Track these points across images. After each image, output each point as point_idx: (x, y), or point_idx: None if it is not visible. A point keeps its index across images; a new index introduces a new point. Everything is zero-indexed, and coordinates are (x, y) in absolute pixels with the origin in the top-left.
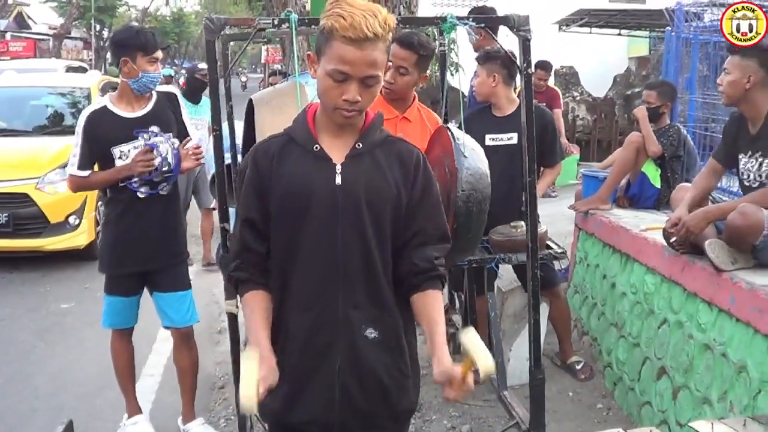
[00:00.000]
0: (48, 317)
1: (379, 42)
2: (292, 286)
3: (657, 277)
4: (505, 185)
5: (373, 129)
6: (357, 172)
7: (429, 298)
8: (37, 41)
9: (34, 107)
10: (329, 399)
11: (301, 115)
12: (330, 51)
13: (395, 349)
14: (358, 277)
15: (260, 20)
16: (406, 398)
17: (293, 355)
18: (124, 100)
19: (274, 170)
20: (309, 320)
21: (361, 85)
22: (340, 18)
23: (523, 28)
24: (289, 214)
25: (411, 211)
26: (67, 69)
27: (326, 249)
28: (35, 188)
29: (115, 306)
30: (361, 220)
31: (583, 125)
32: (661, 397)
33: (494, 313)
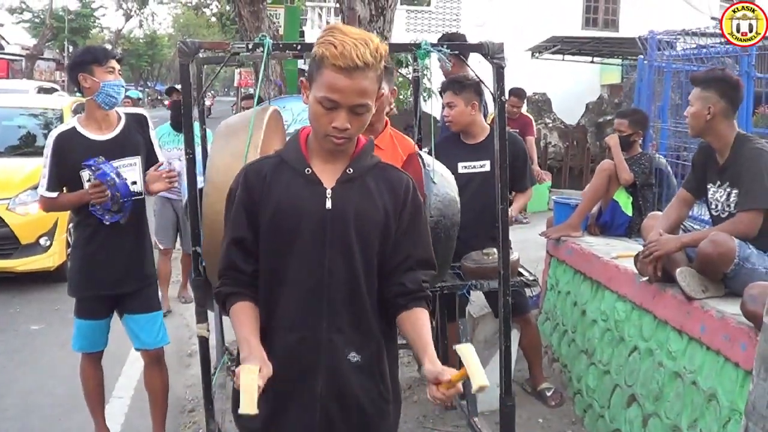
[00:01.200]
0: (17, 338)
1: (369, 71)
2: (278, 306)
3: (628, 305)
4: (477, 212)
5: (364, 155)
6: (347, 196)
7: (416, 315)
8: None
9: (6, 128)
10: (310, 421)
11: (293, 138)
12: (320, 78)
13: (377, 374)
14: (344, 301)
15: (234, 44)
16: (385, 423)
17: (277, 373)
18: (92, 122)
19: (265, 191)
20: (293, 341)
21: (350, 113)
22: (331, 46)
23: (497, 55)
24: (278, 235)
25: (400, 236)
26: (39, 90)
27: (313, 272)
28: (6, 209)
29: (84, 329)
30: (350, 245)
31: (555, 152)
32: (631, 424)
33: (465, 339)
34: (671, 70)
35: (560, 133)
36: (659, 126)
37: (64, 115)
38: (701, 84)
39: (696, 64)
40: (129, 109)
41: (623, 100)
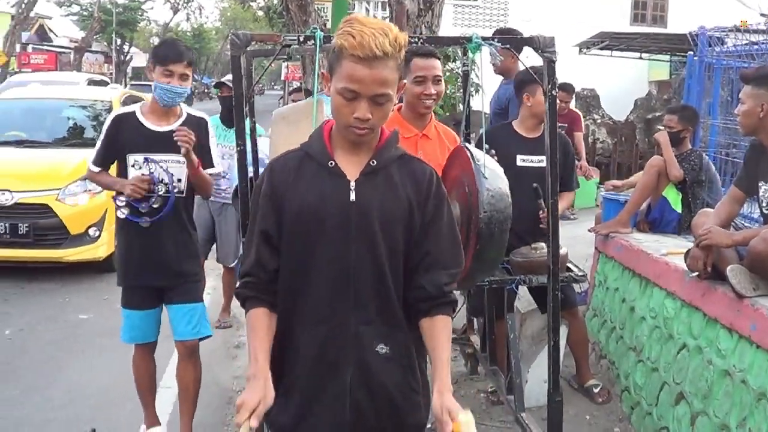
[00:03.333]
0: (66, 327)
1: (389, 60)
2: (304, 300)
3: (677, 302)
4: (531, 207)
5: (388, 146)
6: (371, 189)
7: (437, 324)
8: (58, 54)
9: (56, 119)
10: (340, 414)
11: (317, 131)
12: (340, 69)
13: (406, 366)
14: (370, 294)
15: (285, 37)
16: (416, 414)
17: (304, 368)
18: (152, 112)
19: (290, 185)
20: (320, 335)
21: (371, 103)
22: (350, 36)
23: (548, 49)
24: (303, 229)
25: (423, 230)
26: (89, 82)
27: (338, 265)
28: (56, 199)
29: (131, 319)
30: (374, 237)
31: (603, 148)
32: (679, 422)
33: (513, 334)
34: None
35: (608, 129)
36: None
37: (113, 106)
38: (752, 81)
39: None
40: (196, 111)
41: (672, 96)
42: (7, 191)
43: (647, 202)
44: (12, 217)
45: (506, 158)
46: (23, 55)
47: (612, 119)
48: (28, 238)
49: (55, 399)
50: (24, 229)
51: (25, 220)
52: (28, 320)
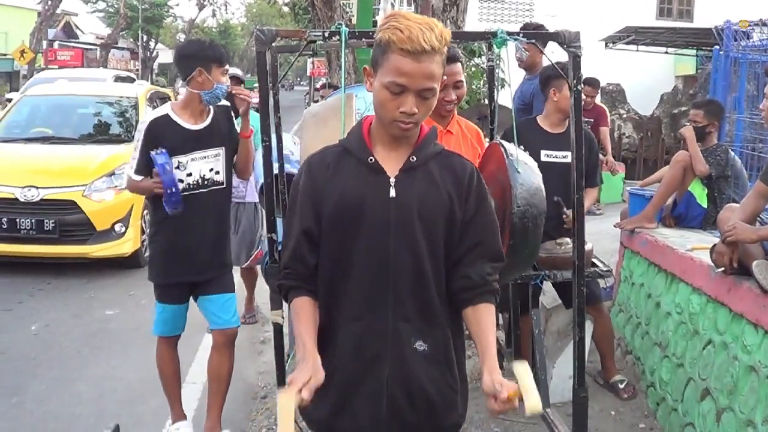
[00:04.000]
0: (92, 323)
1: (436, 55)
2: (343, 296)
3: (702, 298)
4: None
5: (427, 142)
6: (411, 185)
7: (481, 311)
8: (84, 51)
9: (82, 115)
10: (376, 410)
11: (356, 127)
12: (387, 64)
13: (443, 363)
14: (409, 290)
15: (311, 32)
16: (453, 412)
17: (342, 364)
18: (188, 111)
19: (329, 181)
20: (358, 330)
21: (417, 98)
22: (398, 31)
23: (573, 44)
24: (342, 225)
25: (465, 226)
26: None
27: (378, 261)
28: (82, 195)
29: (166, 313)
30: (414, 234)
31: (629, 143)
32: (704, 418)
33: (538, 330)
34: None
35: (634, 124)
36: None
37: (139, 103)
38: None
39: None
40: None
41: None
42: (33, 187)
43: (673, 197)
44: (38, 213)
45: (530, 154)
46: (50, 52)
47: (638, 114)
48: (54, 234)
49: (82, 394)
50: (50, 225)
51: (51, 216)
52: (54, 316)
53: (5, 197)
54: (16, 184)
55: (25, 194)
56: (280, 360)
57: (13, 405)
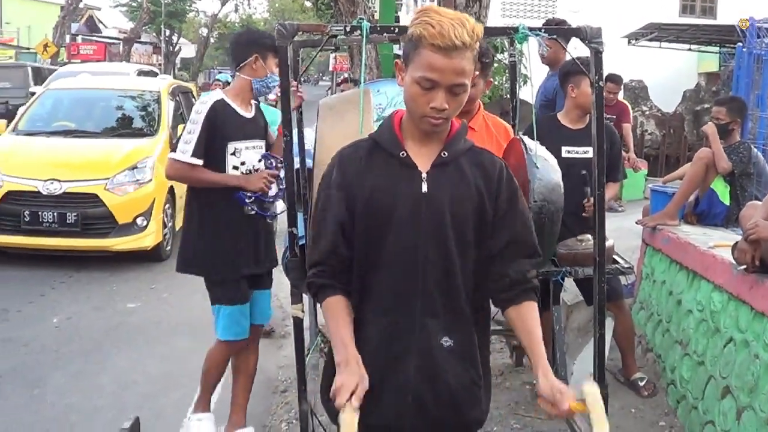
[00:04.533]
0: (114, 316)
1: (467, 51)
2: (371, 290)
3: (724, 295)
4: (579, 198)
5: (458, 138)
6: (442, 180)
7: (525, 310)
8: (107, 45)
9: (105, 109)
10: (402, 405)
11: (387, 121)
12: (418, 59)
13: (468, 359)
14: (437, 286)
15: (332, 27)
16: (477, 408)
17: (369, 357)
18: (239, 99)
19: (361, 175)
20: (386, 325)
21: (448, 93)
22: (429, 26)
23: (595, 40)
24: (374, 219)
25: (498, 222)
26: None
27: (407, 256)
28: (104, 189)
29: (235, 315)
30: (444, 229)
31: (651, 140)
32: (724, 416)
33: (558, 326)
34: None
35: (657, 120)
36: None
37: (161, 97)
38: None
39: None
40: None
41: (721, 88)
42: (56, 180)
43: (695, 194)
44: (60, 206)
45: (551, 150)
46: (72, 46)
47: (660, 111)
48: (76, 227)
49: (103, 387)
50: (72, 218)
51: (73, 210)
52: (76, 309)
53: (28, 190)
54: (38, 177)
55: (48, 187)
56: (300, 354)
57: (35, 397)
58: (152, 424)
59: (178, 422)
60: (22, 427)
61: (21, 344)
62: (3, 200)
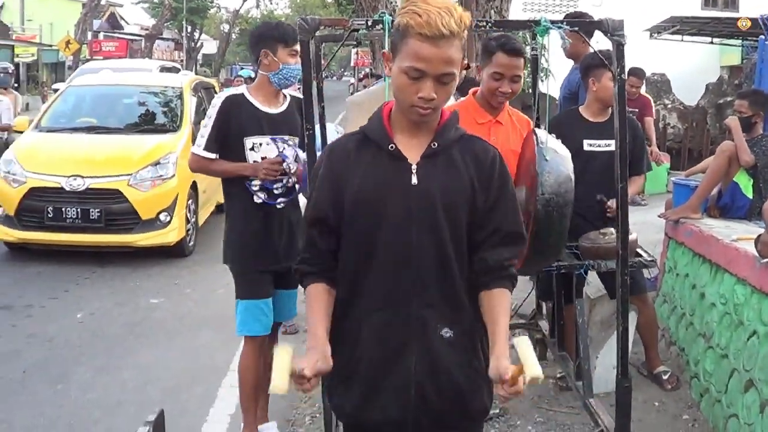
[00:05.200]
0: (137, 312)
1: (455, 39)
2: (365, 285)
3: (747, 288)
4: (603, 191)
5: (448, 127)
6: (433, 172)
7: (494, 296)
8: (129, 41)
9: (127, 105)
10: (404, 398)
11: (376, 113)
12: (405, 48)
13: (470, 349)
14: (433, 277)
15: (354, 21)
16: (480, 398)
17: (367, 354)
18: (261, 94)
19: (350, 169)
20: (383, 319)
21: (436, 83)
22: (416, 15)
23: (617, 32)
24: (364, 213)
25: (487, 210)
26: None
27: (400, 249)
28: (127, 185)
29: (252, 310)
30: (437, 220)
31: (674, 134)
32: (748, 410)
33: (582, 320)
34: None
35: (679, 114)
36: None
37: (183, 93)
38: None
39: None
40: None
41: (743, 81)
42: (79, 177)
43: (718, 187)
44: (84, 202)
45: (573, 143)
46: (95, 43)
47: (683, 104)
48: (99, 223)
49: (126, 382)
50: (95, 214)
51: (96, 206)
52: (99, 304)
53: (51, 186)
54: (61, 173)
55: (71, 183)
56: None
57: (58, 392)
58: (175, 419)
59: (201, 417)
60: (46, 421)
61: (45, 339)
62: (26, 197)
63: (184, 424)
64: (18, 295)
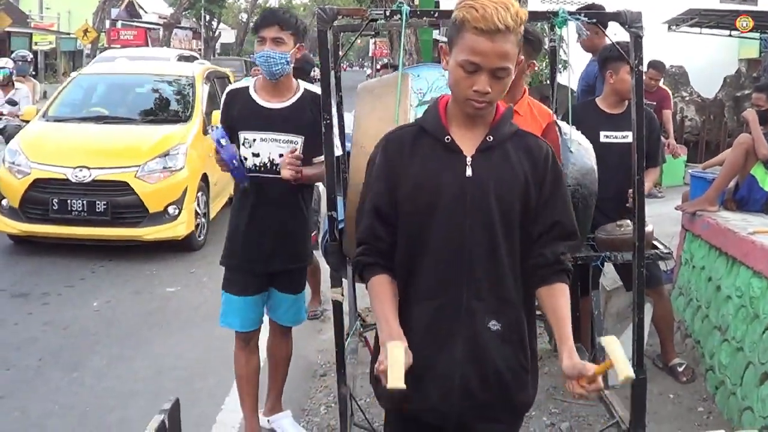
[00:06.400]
0: (153, 301)
1: (511, 34)
2: (418, 275)
3: (764, 282)
4: (618, 183)
5: (503, 122)
6: (487, 165)
7: (555, 291)
8: (147, 30)
9: (138, 95)
10: (449, 388)
11: (432, 106)
12: (461, 42)
13: (516, 343)
14: (484, 270)
15: (372, 11)
16: (524, 392)
17: (415, 342)
18: (264, 87)
19: (405, 160)
20: (433, 309)
21: (491, 77)
22: (473, 9)
23: (635, 24)
24: (419, 205)
25: (542, 206)
26: (179, 58)
27: (454, 240)
28: (135, 177)
29: (232, 304)
30: (490, 213)
31: (691, 126)
32: (763, 402)
33: (597, 311)
34: None
35: (697, 106)
36: None
37: (196, 82)
38: None
39: None
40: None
41: (762, 74)
42: (85, 168)
43: (735, 180)
44: (90, 194)
45: (590, 135)
46: (113, 32)
47: (700, 97)
48: (105, 216)
49: (140, 371)
50: (102, 207)
51: (102, 198)
52: (115, 293)
53: (56, 178)
54: (67, 164)
55: (77, 175)
56: (339, 338)
57: (74, 380)
58: (188, 409)
59: (214, 407)
60: (62, 409)
61: (61, 327)
62: (31, 188)
63: (198, 413)
64: (34, 283)
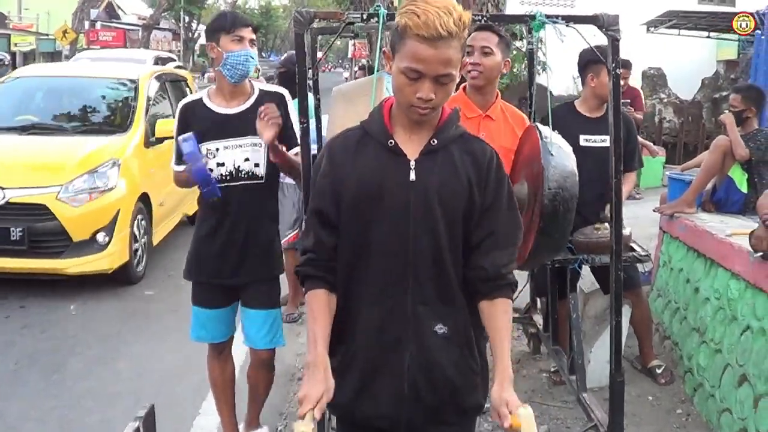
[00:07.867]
0: (132, 303)
1: (453, 40)
2: (362, 280)
3: (741, 283)
4: (596, 187)
5: (448, 125)
6: (431, 168)
7: (497, 307)
8: (126, 31)
9: (74, 101)
10: (397, 394)
11: (377, 109)
12: (404, 49)
13: (464, 346)
14: (428, 274)
15: (349, 14)
16: (474, 394)
17: (362, 348)
18: (220, 94)
19: (349, 164)
20: (379, 314)
21: (435, 83)
22: (414, 15)
23: (612, 27)
24: (362, 208)
25: (483, 211)
26: (157, 59)
27: (397, 245)
28: (56, 198)
29: (200, 317)
30: (434, 217)
31: (669, 128)
32: (741, 404)
33: (575, 314)
34: None
35: (675, 108)
36: None
37: (139, 87)
38: None
39: None
40: (270, 86)
41: (740, 75)
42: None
43: (712, 182)
44: (2, 219)
45: (569, 138)
46: (92, 33)
47: (679, 98)
48: (21, 245)
49: (120, 372)
50: (17, 235)
51: (18, 224)
52: (93, 295)
53: None
54: None
55: None
56: None
57: (53, 382)
58: (168, 411)
59: (193, 409)
60: (41, 412)
61: (39, 330)
62: None
63: (176, 415)
64: (11, 287)
